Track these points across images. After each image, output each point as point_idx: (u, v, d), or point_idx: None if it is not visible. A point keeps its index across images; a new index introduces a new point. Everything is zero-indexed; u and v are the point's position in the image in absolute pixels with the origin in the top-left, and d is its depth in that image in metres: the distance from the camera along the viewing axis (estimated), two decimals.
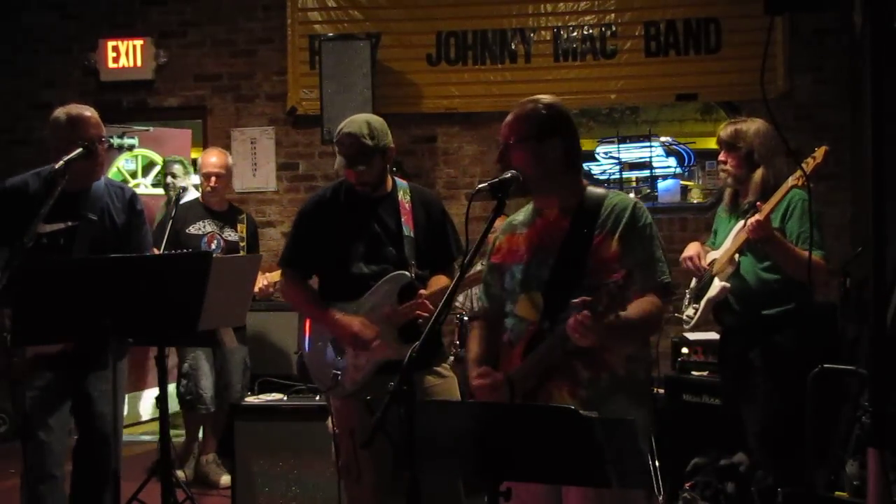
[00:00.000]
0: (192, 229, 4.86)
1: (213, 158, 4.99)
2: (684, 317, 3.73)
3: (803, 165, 3.30)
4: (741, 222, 3.56)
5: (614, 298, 2.19)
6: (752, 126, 3.58)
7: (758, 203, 3.42)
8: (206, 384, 4.84)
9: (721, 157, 3.67)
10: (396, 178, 3.38)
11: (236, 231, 4.98)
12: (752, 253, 3.53)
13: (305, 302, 3.36)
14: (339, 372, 3.23)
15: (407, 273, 3.21)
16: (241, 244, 4.97)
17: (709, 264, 3.66)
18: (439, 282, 3.27)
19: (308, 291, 3.37)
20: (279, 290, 3.50)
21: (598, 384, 2.40)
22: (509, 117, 2.55)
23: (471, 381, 2.59)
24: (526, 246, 2.57)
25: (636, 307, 2.37)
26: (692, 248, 3.74)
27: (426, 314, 3.07)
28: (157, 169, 6.60)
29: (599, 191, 2.60)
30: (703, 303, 3.60)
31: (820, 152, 3.29)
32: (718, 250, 3.67)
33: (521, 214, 2.67)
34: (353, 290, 3.22)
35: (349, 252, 3.23)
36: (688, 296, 3.76)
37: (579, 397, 2.37)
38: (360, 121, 3.24)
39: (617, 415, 2.29)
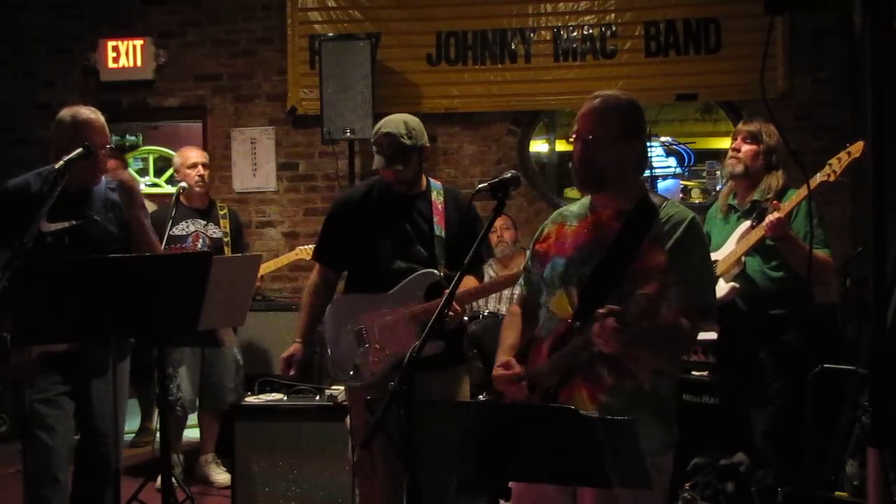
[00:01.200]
0: (176, 230, 4.83)
1: (193, 152, 5.01)
2: None
3: (834, 161, 3.26)
4: (746, 223, 3.55)
5: (645, 311, 2.12)
6: (775, 131, 3.58)
7: (773, 203, 3.41)
8: (186, 387, 4.83)
9: (736, 144, 3.64)
10: (431, 179, 3.45)
11: (219, 227, 4.98)
12: (758, 254, 3.51)
13: (306, 295, 3.51)
14: (358, 362, 3.31)
15: (435, 272, 3.26)
16: (226, 240, 4.97)
17: None
18: (467, 283, 3.30)
19: (318, 285, 3.49)
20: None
21: (622, 393, 2.34)
22: (591, 109, 2.45)
23: (494, 368, 2.58)
24: (573, 240, 2.53)
25: (669, 323, 2.30)
26: None
27: (451, 314, 3.11)
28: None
29: (657, 198, 2.54)
30: None
31: (857, 147, 3.23)
32: (717, 252, 3.64)
33: (575, 206, 2.62)
34: (382, 286, 3.30)
35: (379, 249, 3.30)
36: None
37: (599, 402, 2.33)
38: (397, 121, 3.31)
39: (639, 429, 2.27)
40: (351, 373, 3.33)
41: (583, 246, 2.50)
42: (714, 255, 3.62)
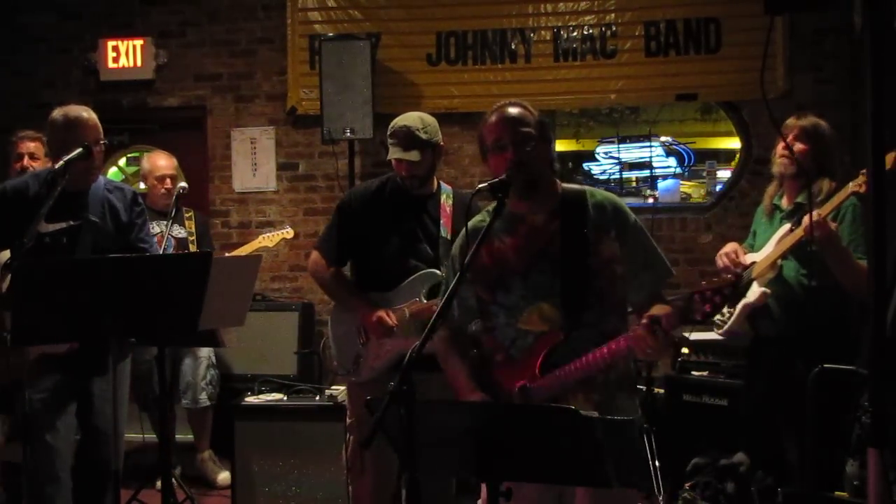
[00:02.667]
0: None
1: (163, 161, 4.99)
2: (715, 319, 3.53)
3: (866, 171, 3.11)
4: (786, 225, 3.36)
5: (717, 306, 2.17)
6: (829, 128, 3.37)
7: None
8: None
9: (789, 141, 3.39)
10: (442, 183, 3.48)
11: (184, 227, 4.99)
12: (796, 258, 3.33)
13: (334, 284, 3.49)
14: (358, 357, 3.37)
15: (438, 272, 3.29)
16: (191, 239, 4.97)
17: (748, 264, 3.45)
18: None
19: (338, 273, 3.50)
20: (309, 268, 3.62)
21: (609, 384, 2.43)
22: (511, 116, 2.46)
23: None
24: (516, 255, 2.50)
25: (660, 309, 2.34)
26: (730, 246, 3.54)
27: None
28: None
29: (575, 186, 2.58)
30: (738, 307, 3.41)
31: (890, 157, 2.94)
32: (758, 253, 3.48)
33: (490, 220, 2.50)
34: (386, 282, 3.34)
35: (386, 245, 3.34)
36: None
37: (593, 401, 2.37)
38: (414, 116, 3.38)
39: (622, 409, 2.38)
40: (351, 368, 3.39)
41: (531, 257, 2.48)
42: (753, 256, 3.48)
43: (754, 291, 3.39)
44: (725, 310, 3.49)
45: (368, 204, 3.41)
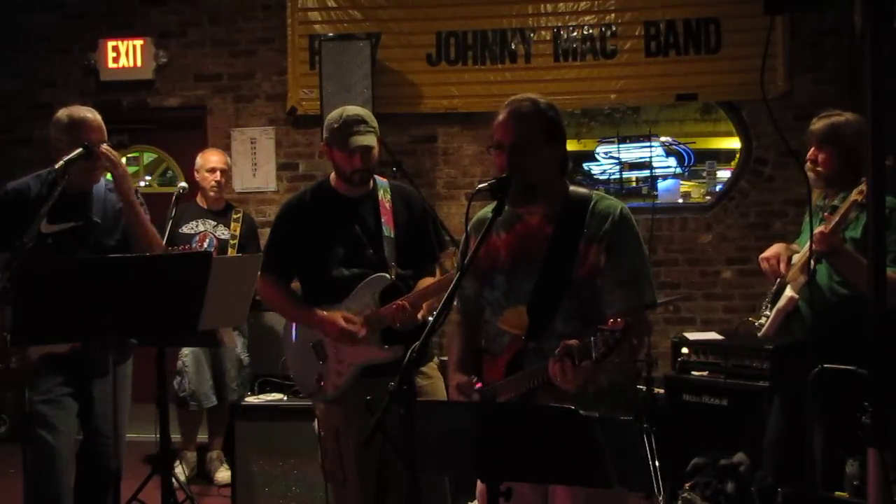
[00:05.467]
0: (186, 228, 4.90)
1: (214, 157, 5.09)
2: (756, 324, 3.49)
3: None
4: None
5: (612, 348, 2.09)
6: (851, 121, 3.23)
7: (826, 216, 3.15)
8: (197, 381, 4.87)
9: (811, 154, 3.31)
10: (377, 177, 3.31)
11: (228, 229, 5.01)
12: (829, 264, 3.23)
13: (287, 304, 3.33)
14: (320, 377, 3.20)
15: (387, 275, 3.17)
16: (232, 242, 5.00)
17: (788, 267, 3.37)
18: (423, 283, 3.24)
19: (289, 293, 3.35)
20: (260, 296, 3.44)
21: (585, 397, 2.34)
22: (510, 116, 2.41)
23: (450, 387, 2.57)
24: (506, 253, 2.48)
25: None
26: (773, 249, 3.45)
27: (400, 313, 3.07)
28: (163, 165, 6.64)
29: (583, 191, 2.48)
30: (773, 312, 3.38)
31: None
32: (798, 254, 3.40)
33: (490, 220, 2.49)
34: (335, 294, 3.18)
35: (329, 255, 3.19)
36: (766, 301, 3.50)
37: None
38: (354, 107, 3.24)
39: None
40: (315, 389, 3.21)
41: (519, 259, 2.45)
42: (797, 257, 3.40)
43: (785, 296, 3.34)
44: (765, 314, 3.44)
45: (305, 214, 3.24)
